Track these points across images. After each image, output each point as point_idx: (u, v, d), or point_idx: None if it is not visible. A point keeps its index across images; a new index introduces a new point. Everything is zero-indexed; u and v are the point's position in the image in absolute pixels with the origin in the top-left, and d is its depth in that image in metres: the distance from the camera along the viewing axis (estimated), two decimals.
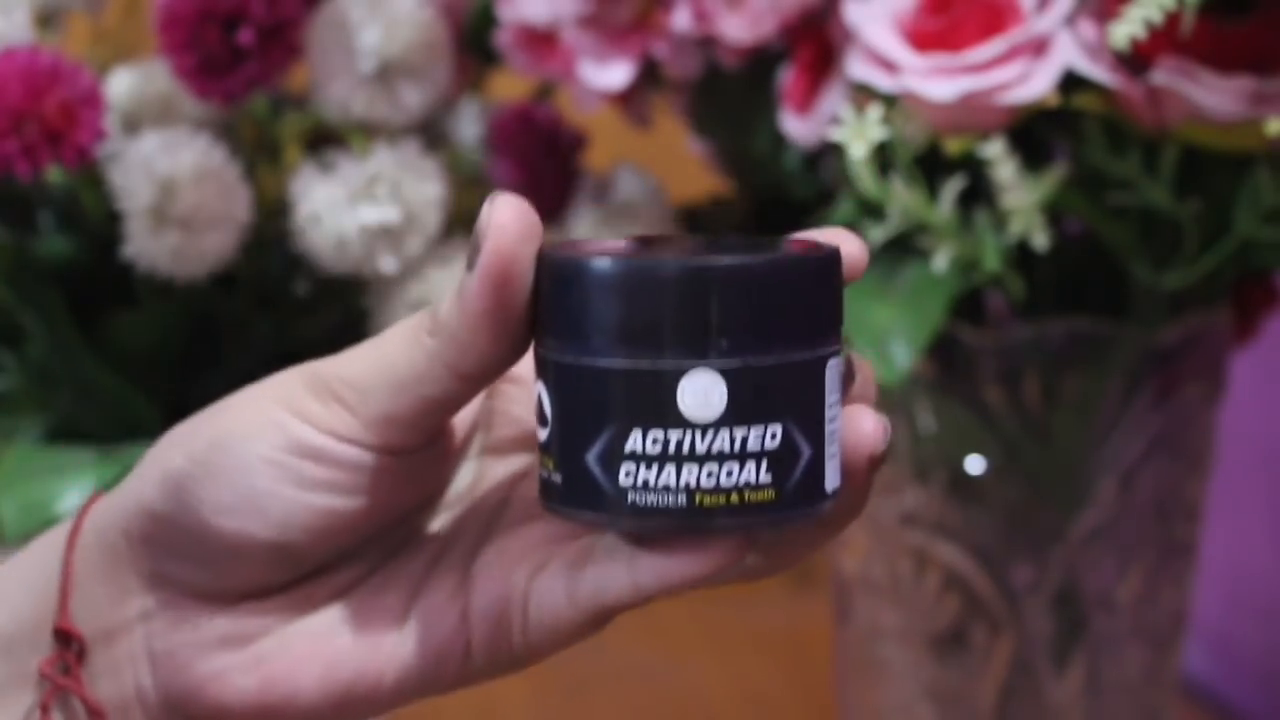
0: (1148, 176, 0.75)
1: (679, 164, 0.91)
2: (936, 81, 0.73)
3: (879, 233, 0.77)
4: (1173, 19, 0.69)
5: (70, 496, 0.76)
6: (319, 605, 0.48)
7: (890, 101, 0.76)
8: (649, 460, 0.42)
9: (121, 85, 0.83)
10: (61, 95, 0.75)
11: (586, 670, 1.10)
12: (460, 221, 0.84)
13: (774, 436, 0.42)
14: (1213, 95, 0.72)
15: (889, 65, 0.75)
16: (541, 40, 0.87)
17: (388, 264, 0.80)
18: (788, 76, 0.81)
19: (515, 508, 0.50)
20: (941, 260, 0.75)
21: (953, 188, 0.76)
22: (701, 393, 0.42)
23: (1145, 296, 0.79)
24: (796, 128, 0.80)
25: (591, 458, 0.43)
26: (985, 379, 0.80)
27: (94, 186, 0.81)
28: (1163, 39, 0.71)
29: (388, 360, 0.45)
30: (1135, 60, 0.72)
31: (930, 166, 0.77)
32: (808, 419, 0.43)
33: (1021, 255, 0.77)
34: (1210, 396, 0.83)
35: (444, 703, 0.51)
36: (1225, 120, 0.72)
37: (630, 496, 0.43)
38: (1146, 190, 0.75)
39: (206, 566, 0.47)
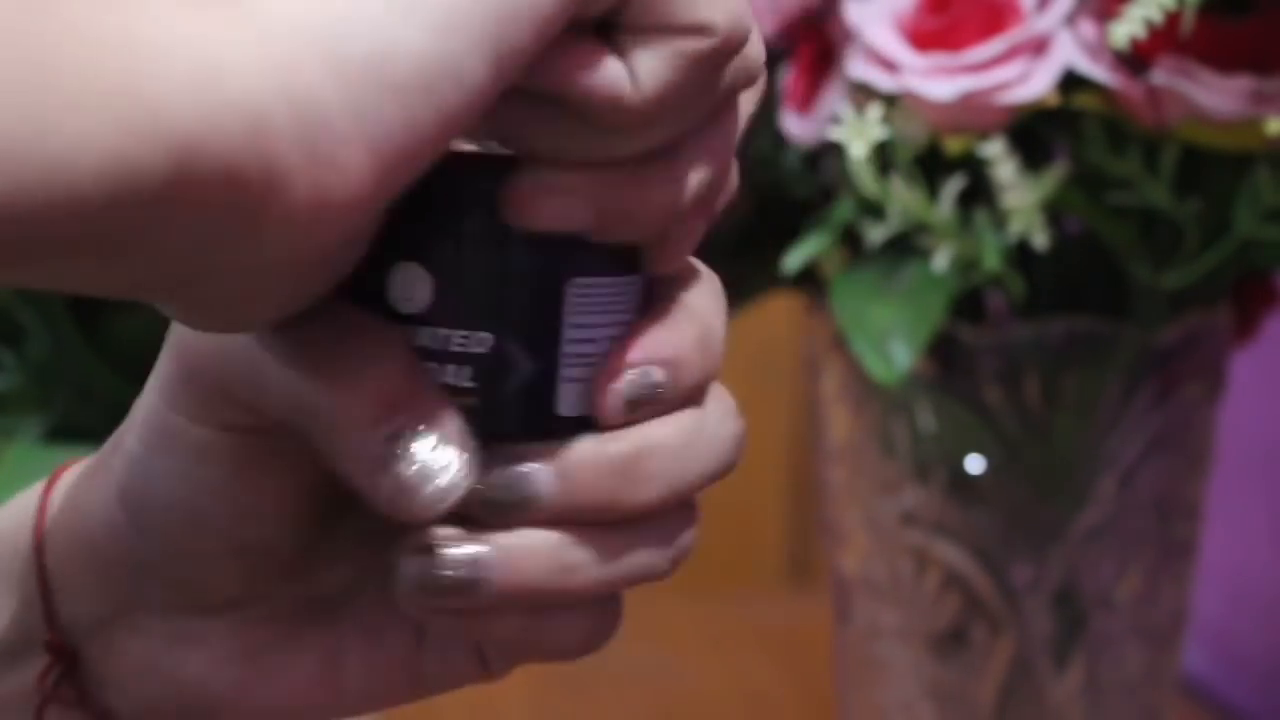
0: (1148, 176, 0.75)
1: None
2: (936, 81, 0.73)
3: (879, 233, 0.77)
4: (1173, 19, 0.69)
5: None
6: (320, 616, 0.46)
7: (890, 101, 0.76)
8: None
9: None
10: None
11: (586, 670, 1.10)
12: None
13: (482, 344, 0.41)
14: (1213, 95, 0.72)
15: (889, 65, 0.75)
16: None
17: None
18: (788, 76, 0.81)
19: None
20: (941, 260, 0.75)
21: (953, 188, 0.76)
22: (408, 284, 0.41)
23: (1145, 296, 0.79)
24: (796, 127, 0.80)
25: None
26: (985, 379, 0.80)
27: None
28: (1163, 39, 0.71)
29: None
30: (1135, 60, 0.72)
31: (930, 166, 0.77)
32: (533, 335, 0.41)
33: (1021, 255, 0.77)
34: (1210, 396, 0.83)
35: (444, 702, 0.50)
36: (1225, 120, 0.72)
37: None
38: (1146, 190, 0.75)
39: (174, 580, 0.45)
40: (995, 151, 0.74)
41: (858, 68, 0.75)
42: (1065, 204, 0.76)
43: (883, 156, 0.76)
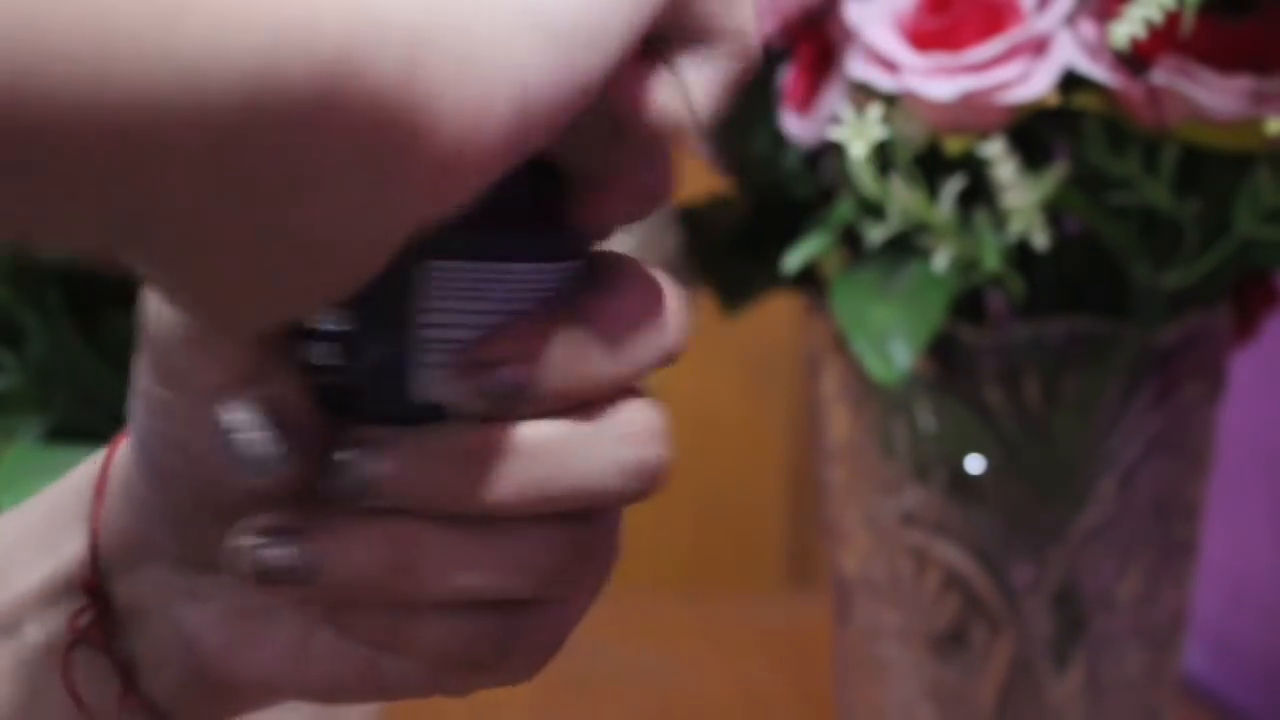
0: (1148, 176, 0.75)
1: (678, 163, 0.91)
2: (936, 81, 0.73)
3: (879, 233, 0.77)
4: (1173, 19, 0.69)
5: None
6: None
7: (890, 101, 0.76)
8: None
9: None
10: None
11: (586, 670, 1.10)
12: None
13: (341, 323, 0.41)
14: (1213, 95, 0.72)
15: (889, 65, 0.75)
16: None
17: None
18: (788, 76, 0.81)
19: None
20: (941, 260, 0.75)
21: (953, 188, 0.76)
22: None
23: (1145, 296, 0.79)
24: (796, 127, 0.80)
25: None
26: (985, 379, 0.80)
27: None
28: (1163, 39, 0.71)
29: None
30: (1135, 60, 0.72)
31: (930, 166, 0.77)
32: (383, 317, 0.41)
33: (1021, 255, 0.77)
34: (1210, 396, 0.83)
35: (444, 701, 0.50)
36: (1225, 120, 0.72)
37: None
38: (1146, 190, 0.75)
39: (175, 533, 0.46)
40: (995, 151, 0.74)
41: (858, 68, 0.75)
42: (1065, 204, 0.76)
43: (883, 156, 0.76)
